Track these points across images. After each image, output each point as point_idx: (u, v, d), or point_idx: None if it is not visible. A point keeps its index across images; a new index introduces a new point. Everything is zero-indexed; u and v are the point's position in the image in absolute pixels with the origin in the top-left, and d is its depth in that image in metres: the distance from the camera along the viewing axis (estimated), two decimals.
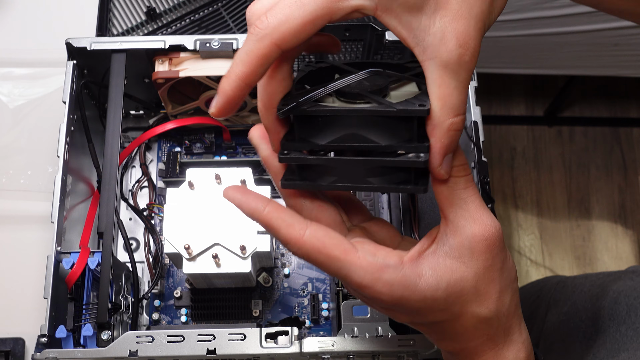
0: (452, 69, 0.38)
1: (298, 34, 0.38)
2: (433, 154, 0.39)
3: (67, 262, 0.59)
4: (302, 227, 0.40)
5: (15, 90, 0.80)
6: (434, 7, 0.37)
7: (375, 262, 0.39)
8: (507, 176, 1.65)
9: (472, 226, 0.40)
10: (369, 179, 0.41)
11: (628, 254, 1.59)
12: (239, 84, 0.38)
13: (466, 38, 0.37)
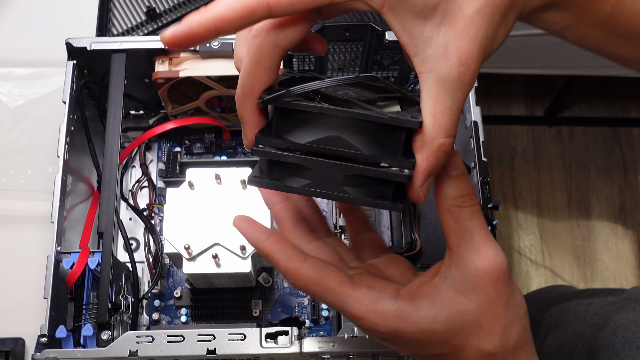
0: (449, 86, 0.37)
1: (296, 3, 0.35)
2: (417, 172, 0.38)
3: (67, 262, 0.59)
4: (300, 259, 0.41)
5: (16, 90, 0.80)
6: (441, 19, 0.36)
7: (369, 294, 0.40)
8: (507, 176, 1.65)
9: (476, 259, 0.39)
10: (345, 188, 0.38)
11: (628, 254, 1.59)
12: (209, 23, 0.36)
13: (468, 58, 0.37)
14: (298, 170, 0.38)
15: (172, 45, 0.37)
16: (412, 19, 0.36)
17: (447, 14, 0.36)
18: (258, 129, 0.39)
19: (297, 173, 0.38)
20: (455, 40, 0.36)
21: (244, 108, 0.39)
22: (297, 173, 0.38)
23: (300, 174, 0.38)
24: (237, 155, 0.75)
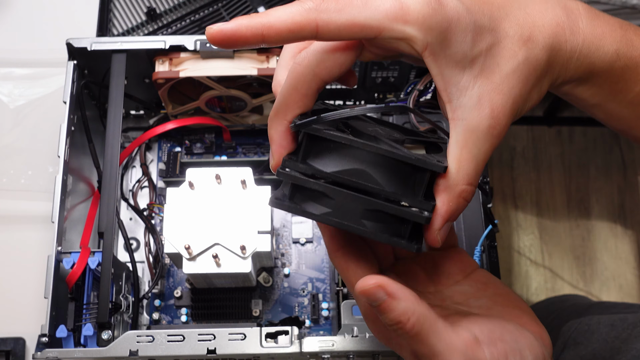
0: (478, 136, 0.38)
1: (343, 28, 0.36)
2: (436, 215, 0.38)
3: (67, 262, 0.59)
4: (340, 244, 0.42)
5: (16, 91, 0.80)
6: (478, 72, 0.38)
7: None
8: (507, 176, 1.65)
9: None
10: (363, 221, 0.38)
11: (628, 254, 1.59)
12: (257, 28, 0.37)
13: (500, 112, 0.38)
14: (319, 198, 0.39)
15: (216, 42, 0.37)
16: (451, 67, 0.38)
17: (485, 67, 0.38)
18: (286, 151, 0.40)
19: (318, 200, 0.39)
20: (490, 93, 0.38)
21: (274, 128, 0.40)
22: (318, 201, 0.39)
23: (321, 202, 0.39)
24: (237, 155, 0.75)
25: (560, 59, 0.41)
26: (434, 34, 0.37)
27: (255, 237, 0.61)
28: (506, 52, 0.39)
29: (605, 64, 0.42)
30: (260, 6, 0.79)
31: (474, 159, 0.38)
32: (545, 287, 1.57)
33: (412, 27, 0.37)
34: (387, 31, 0.37)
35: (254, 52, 0.65)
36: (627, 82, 0.43)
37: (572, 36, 0.41)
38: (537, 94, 0.41)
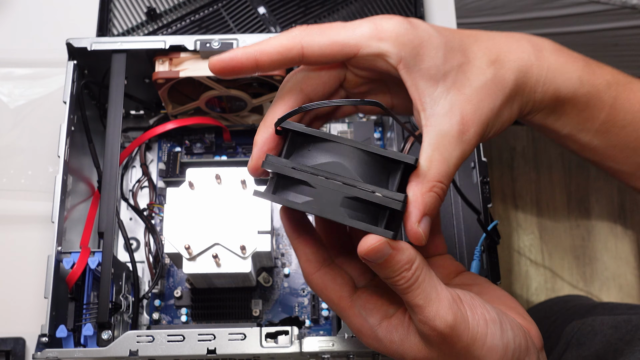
0: (449, 140, 0.41)
1: (325, 47, 0.42)
2: (411, 207, 0.40)
3: (67, 262, 0.59)
4: (315, 266, 0.45)
5: (16, 91, 0.80)
6: (451, 85, 0.42)
7: (359, 315, 0.44)
8: (507, 176, 1.65)
9: (419, 326, 0.41)
10: (341, 209, 0.40)
11: (627, 254, 1.59)
12: (250, 54, 0.42)
13: (469, 120, 0.41)
14: (301, 189, 0.41)
15: (216, 71, 0.42)
16: (425, 80, 0.42)
17: (456, 81, 0.42)
18: (265, 153, 0.43)
19: (299, 191, 0.41)
20: (461, 103, 0.42)
21: (259, 134, 0.43)
22: (300, 192, 0.41)
23: (302, 193, 0.41)
24: (237, 155, 0.75)
25: (527, 82, 0.44)
26: (407, 50, 0.41)
27: (255, 237, 0.61)
28: (476, 69, 0.43)
29: (570, 90, 0.46)
30: (260, 6, 0.79)
31: (445, 160, 0.41)
32: (545, 287, 1.57)
33: (386, 43, 0.41)
34: (364, 48, 0.42)
35: None
36: (592, 110, 0.46)
37: (538, 62, 0.45)
38: (508, 113, 0.44)
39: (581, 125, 0.47)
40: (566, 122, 0.47)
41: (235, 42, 0.64)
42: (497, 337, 0.41)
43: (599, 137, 0.48)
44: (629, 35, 1.33)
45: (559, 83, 0.45)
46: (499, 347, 0.41)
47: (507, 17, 1.30)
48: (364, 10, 0.79)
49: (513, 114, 0.45)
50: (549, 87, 0.45)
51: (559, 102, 0.46)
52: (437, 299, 0.40)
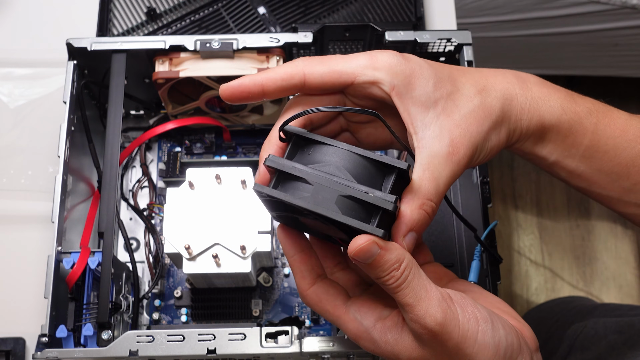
0: (439, 161, 0.44)
1: (325, 75, 0.45)
2: (399, 222, 0.43)
3: (67, 262, 0.59)
4: (309, 282, 0.47)
5: (16, 91, 0.80)
6: (440, 111, 0.45)
7: (354, 319, 0.45)
8: (507, 176, 1.65)
9: (411, 324, 0.42)
10: (335, 206, 0.41)
11: (627, 254, 1.59)
12: (257, 81, 0.46)
13: (458, 143, 0.44)
14: (298, 187, 0.43)
15: (226, 97, 0.46)
16: (417, 106, 0.45)
17: (446, 108, 0.45)
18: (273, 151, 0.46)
19: (296, 189, 0.43)
20: (450, 127, 0.44)
21: (264, 150, 0.46)
22: (297, 189, 0.43)
23: (299, 190, 0.42)
24: (237, 155, 0.75)
25: (512, 110, 0.47)
26: (400, 78, 0.44)
27: (255, 237, 0.61)
28: (464, 98, 0.46)
29: (554, 117, 0.48)
30: (260, 6, 0.79)
31: (434, 179, 0.43)
32: (545, 287, 1.57)
33: (381, 72, 0.45)
34: (360, 76, 0.45)
35: (253, 52, 0.65)
36: (575, 135, 0.49)
37: (522, 92, 0.48)
38: (496, 139, 0.47)
39: (566, 151, 0.50)
40: (553, 149, 0.50)
41: (235, 42, 0.64)
42: (488, 335, 0.42)
43: (585, 162, 0.50)
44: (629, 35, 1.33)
45: (543, 111, 0.48)
46: (490, 345, 0.42)
47: (507, 17, 1.30)
48: (364, 10, 0.79)
49: (501, 140, 0.48)
50: (533, 115, 0.48)
51: (544, 129, 0.49)
52: (426, 297, 0.41)
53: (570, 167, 0.50)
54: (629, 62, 1.46)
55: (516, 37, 1.36)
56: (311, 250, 0.48)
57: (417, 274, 0.42)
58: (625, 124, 0.50)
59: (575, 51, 1.41)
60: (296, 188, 0.42)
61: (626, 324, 0.71)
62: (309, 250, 0.47)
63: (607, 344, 0.71)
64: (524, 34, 1.35)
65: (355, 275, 0.50)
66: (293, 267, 0.47)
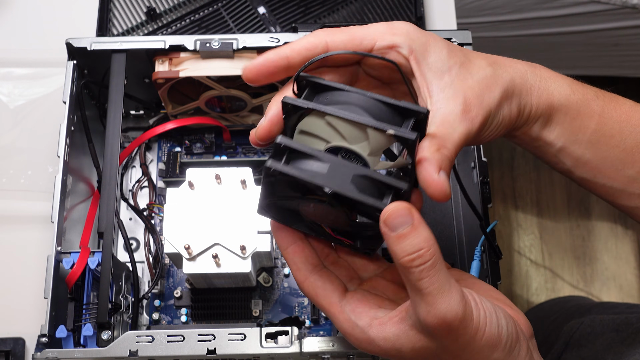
0: (454, 118, 0.44)
1: (346, 41, 0.46)
2: (426, 163, 0.41)
3: (67, 262, 0.59)
4: (305, 274, 0.47)
5: (16, 91, 0.80)
6: (454, 76, 0.46)
7: (349, 320, 0.45)
8: (507, 176, 1.65)
9: (427, 316, 0.41)
10: (350, 185, 0.41)
11: (628, 254, 1.59)
12: (283, 55, 0.46)
13: (471, 103, 0.45)
14: (311, 165, 0.42)
15: (252, 78, 0.46)
16: (431, 72, 0.46)
17: (459, 74, 0.46)
18: (274, 124, 0.46)
19: (309, 166, 0.42)
20: (464, 89, 0.45)
21: (270, 108, 0.46)
22: (310, 167, 0.42)
23: (312, 168, 0.42)
24: (237, 155, 0.75)
25: (523, 85, 0.48)
26: (417, 44, 0.46)
27: (255, 237, 0.61)
28: (476, 67, 0.47)
29: (563, 96, 0.49)
30: (260, 6, 0.79)
31: (449, 135, 0.44)
32: (546, 287, 1.57)
33: (399, 37, 0.46)
34: (380, 41, 0.46)
35: (253, 52, 0.65)
36: (583, 118, 0.50)
37: (532, 72, 0.49)
38: (508, 111, 0.48)
39: (573, 136, 0.50)
40: (560, 134, 0.50)
41: (235, 42, 0.64)
42: (493, 327, 0.42)
43: (591, 149, 0.50)
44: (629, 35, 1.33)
45: (552, 90, 0.49)
46: (495, 337, 0.42)
47: (507, 17, 1.30)
48: (364, 10, 0.79)
49: (512, 113, 0.48)
50: (542, 92, 0.49)
51: (553, 109, 0.49)
52: (449, 290, 0.40)
53: (577, 153, 0.51)
54: (629, 62, 1.46)
55: (516, 37, 1.36)
56: (305, 242, 0.48)
57: (443, 264, 0.41)
58: (630, 110, 0.51)
59: (575, 51, 1.41)
60: (308, 165, 0.41)
61: (623, 322, 0.71)
62: (302, 242, 0.48)
63: (603, 341, 0.71)
64: (524, 34, 1.35)
65: (347, 270, 0.50)
66: (288, 260, 0.48)
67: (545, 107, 0.49)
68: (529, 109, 0.49)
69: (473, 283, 0.49)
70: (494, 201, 1.61)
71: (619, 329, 0.71)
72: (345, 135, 0.43)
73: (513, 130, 0.50)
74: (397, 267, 0.41)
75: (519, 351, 0.44)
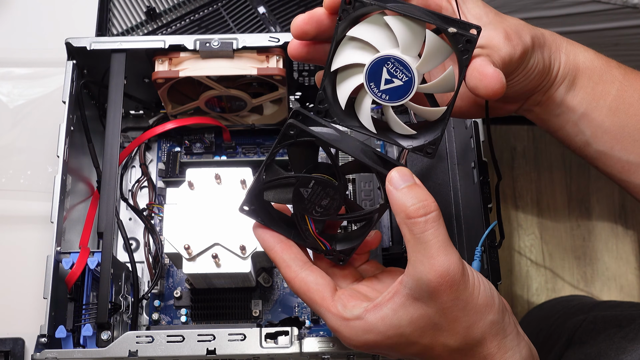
0: (497, 42, 0.45)
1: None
2: (481, 59, 0.43)
3: (66, 262, 0.58)
4: (295, 270, 0.47)
5: (15, 90, 0.80)
6: (491, 18, 0.47)
7: (342, 313, 0.46)
8: (507, 176, 1.65)
9: (428, 271, 0.42)
10: (360, 154, 0.45)
11: (628, 254, 1.59)
12: (325, 8, 0.45)
13: (510, 34, 0.46)
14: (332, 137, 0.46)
15: (299, 32, 0.46)
16: (470, 14, 0.47)
17: (496, 17, 0.47)
18: (317, 17, 0.46)
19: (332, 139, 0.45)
20: (502, 26, 0.46)
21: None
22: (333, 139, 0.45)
23: (330, 134, 0.46)
24: (236, 155, 0.75)
25: (552, 42, 0.50)
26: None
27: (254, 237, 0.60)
28: (509, 18, 0.48)
29: (587, 59, 0.51)
30: (259, 6, 0.79)
31: (497, 51, 0.45)
32: (546, 288, 1.57)
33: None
34: None
35: (253, 51, 0.65)
36: (605, 84, 0.51)
37: (560, 35, 0.52)
38: (540, 58, 0.48)
39: (595, 101, 0.51)
40: (583, 98, 0.51)
41: (235, 41, 0.64)
42: (487, 289, 0.45)
43: (611, 117, 0.51)
44: (630, 34, 1.32)
45: (578, 52, 0.51)
46: (489, 297, 0.44)
47: None
48: None
49: (545, 62, 0.49)
50: (569, 52, 0.51)
51: (578, 72, 0.51)
52: (451, 247, 0.43)
53: (597, 120, 0.51)
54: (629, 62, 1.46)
55: None
56: (290, 240, 0.49)
57: (444, 222, 0.43)
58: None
59: None
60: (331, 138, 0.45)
61: (625, 318, 0.71)
62: (287, 240, 0.48)
63: (606, 337, 0.71)
64: None
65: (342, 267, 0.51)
66: (276, 259, 0.48)
67: (571, 67, 0.51)
68: (557, 65, 0.50)
69: None
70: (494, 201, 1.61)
71: (622, 324, 0.71)
72: (401, 41, 0.43)
73: (539, 95, 0.51)
74: (401, 224, 0.43)
75: (509, 318, 0.46)
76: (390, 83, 0.44)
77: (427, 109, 0.46)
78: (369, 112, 0.47)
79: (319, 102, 0.47)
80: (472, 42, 0.42)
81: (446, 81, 0.44)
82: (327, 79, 0.46)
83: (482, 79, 0.42)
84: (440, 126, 0.46)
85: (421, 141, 0.46)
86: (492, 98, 0.43)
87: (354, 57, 0.45)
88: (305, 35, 0.47)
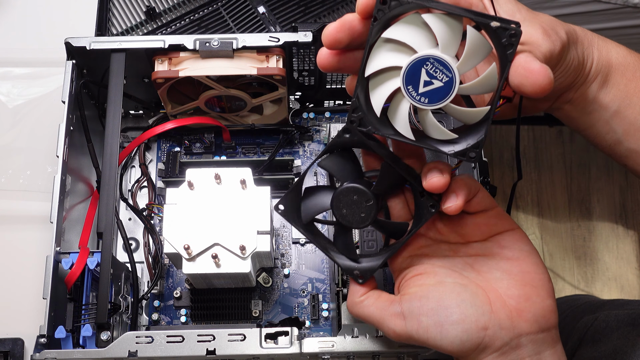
0: (536, 38, 0.45)
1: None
2: (526, 56, 0.42)
3: (66, 262, 0.58)
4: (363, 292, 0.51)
5: (15, 90, 0.80)
6: (525, 15, 0.46)
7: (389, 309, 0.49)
8: (507, 176, 1.65)
9: None
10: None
11: (629, 254, 1.59)
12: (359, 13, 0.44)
13: (548, 29, 0.45)
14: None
15: (332, 39, 0.45)
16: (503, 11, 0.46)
17: (529, 14, 0.46)
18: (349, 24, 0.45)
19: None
20: (538, 22, 0.46)
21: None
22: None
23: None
24: (236, 155, 0.75)
25: (585, 38, 0.49)
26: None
27: (254, 237, 0.60)
28: (541, 15, 0.47)
29: (620, 55, 0.51)
30: (259, 5, 0.79)
31: (537, 48, 0.44)
32: None
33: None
34: None
35: (253, 51, 0.65)
36: (638, 80, 0.50)
37: (591, 32, 0.51)
38: (575, 54, 0.48)
39: (628, 99, 0.50)
40: (615, 95, 0.50)
41: (235, 41, 0.64)
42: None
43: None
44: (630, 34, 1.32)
45: (610, 48, 0.51)
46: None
47: None
48: None
49: (579, 57, 0.49)
50: (602, 49, 0.50)
51: (611, 68, 0.50)
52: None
53: (630, 118, 0.51)
54: None
55: None
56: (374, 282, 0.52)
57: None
58: None
59: None
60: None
61: (639, 315, 0.71)
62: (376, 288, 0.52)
63: (619, 335, 0.71)
64: None
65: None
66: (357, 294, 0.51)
67: (604, 64, 0.50)
68: (590, 61, 0.49)
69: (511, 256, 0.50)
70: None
71: (635, 322, 0.71)
72: (440, 39, 0.41)
73: (571, 92, 0.50)
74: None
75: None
76: (429, 85, 0.42)
77: (469, 110, 0.44)
78: (407, 118, 0.45)
79: (352, 111, 0.45)
80: (517, 35, 0.40)
81: (488, 79, 0.42)
82: (359, 86, 0.45)
83: (529, 75, 0.41)
84: (484, 127, 0.44)
85: (463, 145, 0.44)
86: (538, 95, 0.41)
87: (390, 60, 0.43)
88: (338, 43, 0.45)
